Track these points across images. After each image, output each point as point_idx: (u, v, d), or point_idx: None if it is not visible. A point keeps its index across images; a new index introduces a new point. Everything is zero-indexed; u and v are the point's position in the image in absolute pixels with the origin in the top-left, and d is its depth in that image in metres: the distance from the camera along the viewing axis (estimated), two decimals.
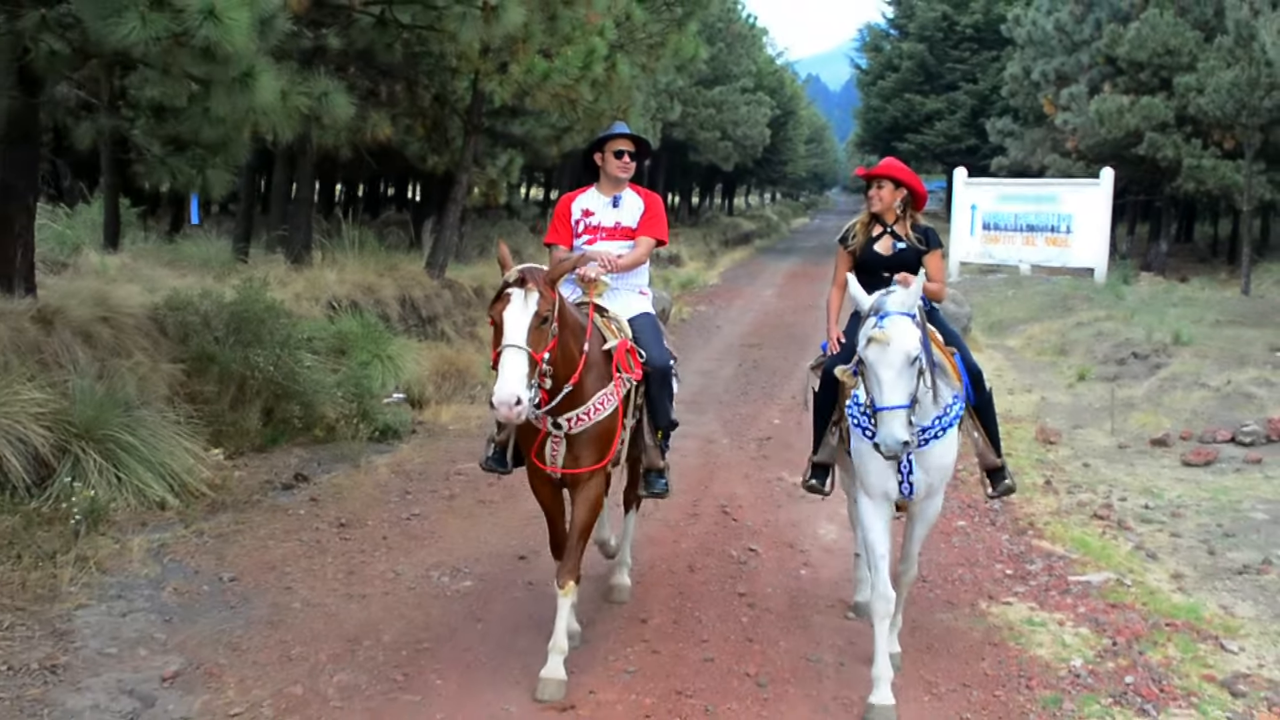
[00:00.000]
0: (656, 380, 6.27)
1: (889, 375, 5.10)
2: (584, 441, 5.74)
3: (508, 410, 5.03)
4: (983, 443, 6.21)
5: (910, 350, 5.12)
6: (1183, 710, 5.43)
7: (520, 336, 5.14)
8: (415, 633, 6.17)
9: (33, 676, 5.49)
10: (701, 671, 5.73)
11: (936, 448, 5.55)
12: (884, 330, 5.15)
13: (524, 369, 5.08)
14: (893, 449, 5.10)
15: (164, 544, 7.32)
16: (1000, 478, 6.24)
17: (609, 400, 5.79)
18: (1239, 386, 12.99)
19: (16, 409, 7.79)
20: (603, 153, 6.53)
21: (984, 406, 6.25)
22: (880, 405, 5.12)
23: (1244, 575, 7.57)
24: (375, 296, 14.47)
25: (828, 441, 6.31)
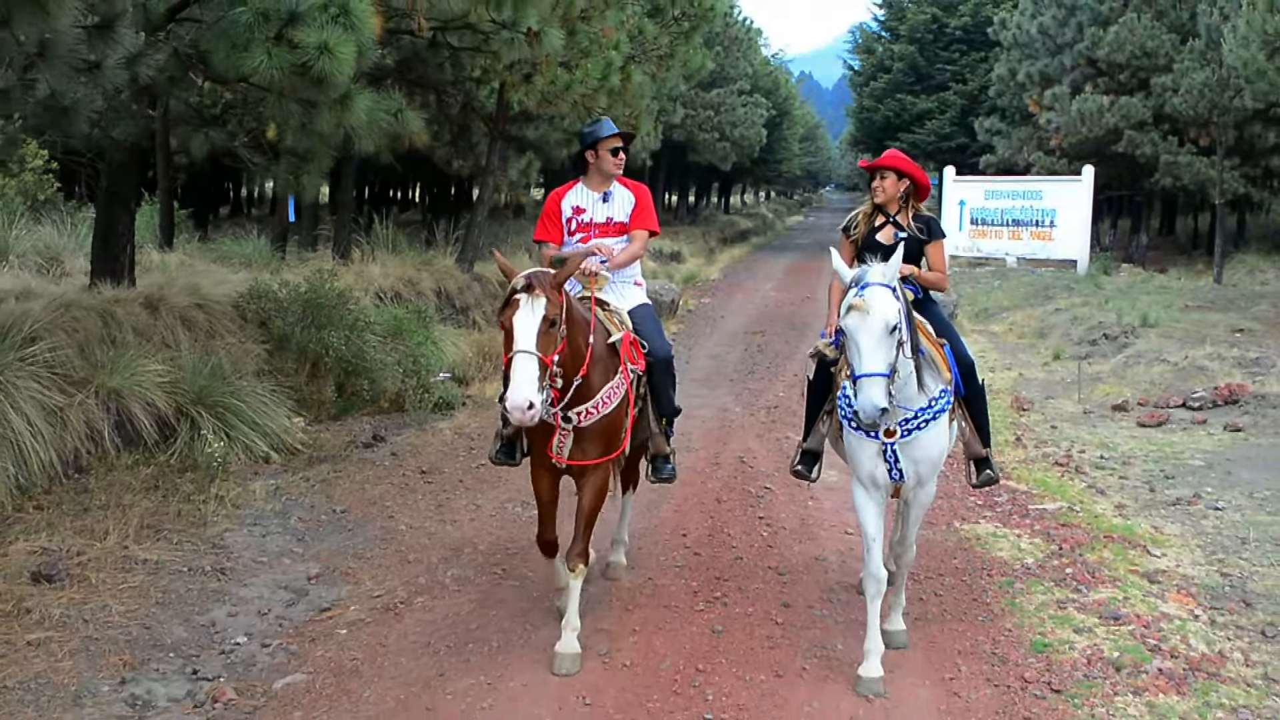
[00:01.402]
0: (660, 369, 6.44)
1: (868, 343, 5.18)
2: (593, 434, 5.88)
3: (521, 415, 5.17)
4: (970, 432, 6.33)
5: (889, 319, 5.21)
6: (1108, 590, 6.97)
7: (530, 342, 5.26)
8: (504, 544, 7.70)
9: (208, 576, 7.00)
10: (733, 566, 7.30)
11: (923, 437, 5.67)
12: (864, 299, 5.25)
13: (535, 373, 5.22)
14: (871, 415, 5.15)
15: (279, 487, 8.80)
16: (984, 467, 6.39)
17: (617, 392, 5.92)
18: (1195, 361, 14.58)
19: (143, 378, 9.25)
20: (596, 151, 6.62)
21: (975, 398, 6.36)
22: (859, 373, 5.20)
23: (1176, 506, 9.10)
24: (416, 289, 15.98)
25: (818, 430, 6.44)
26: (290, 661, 5.91)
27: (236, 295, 12.13)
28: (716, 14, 19.60)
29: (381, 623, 6.40)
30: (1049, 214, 29.54)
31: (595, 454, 5.95)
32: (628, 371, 6.07)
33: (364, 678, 5.67)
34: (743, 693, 5.50)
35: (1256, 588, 7.18)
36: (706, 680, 5.63)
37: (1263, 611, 6.77)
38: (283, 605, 6.71)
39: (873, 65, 49.69)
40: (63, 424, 8.42)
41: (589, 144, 6.66)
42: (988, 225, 30.56)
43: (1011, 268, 29.04)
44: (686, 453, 10.22)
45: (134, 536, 7.30)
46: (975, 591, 6.95)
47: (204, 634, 6.22)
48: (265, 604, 6.71)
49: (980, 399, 6.42)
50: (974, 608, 6.74)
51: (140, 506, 7.80)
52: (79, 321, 9.80)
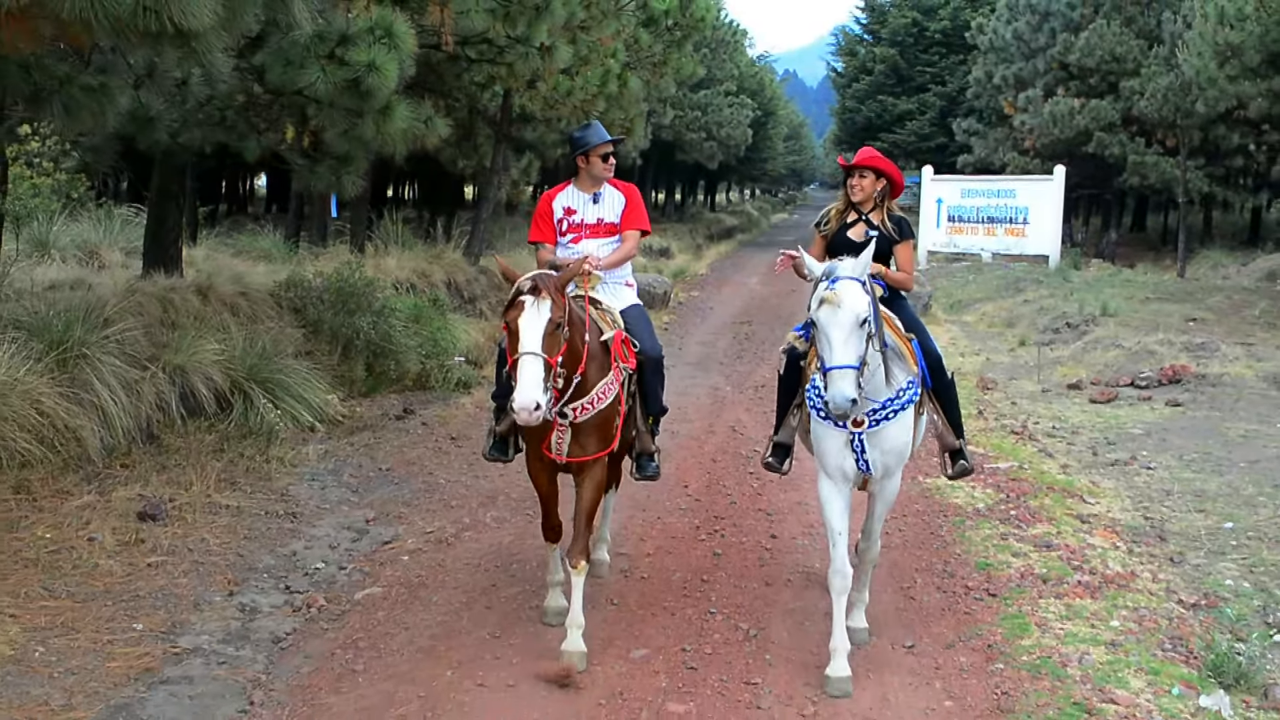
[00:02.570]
0: (650, 368, 6.54)
1: (839, 335, 5.28)
2: (588, 430, 5.99)
3: (528, 415, 5.28)
4: (942, 424, 6.47)
5: (860, 312, 5.31)
6: (1045, 527, 8.27)
7: (536, 344, 5.37)
8: (532, 493, 8.90)
9: (282, 519, 8.25)
10: (729, 509, 8.61)
11: (889, 429, 5.75)
12: (834, 292, 5.34)
13: (541, 375, 5.34)
14: (841, 406, 5.22)
15: (328, 451, 10.02)
16: (959, 458, 6.56)
17: (610, 389, 6.03)
18: (1146, 346, 15.90)
19: (202, 357, 10.41)
20: (588, 157, 6.75)
21: (944, 390, 6.49)
22: (829, 365, 5.28)
23: (1114, 466, 10.40)
24: (429, 280, 17.19)
25: (788, 423, 6.52)
26: (365, 580, 7.17)
27: (274, 284, 13.37)
28: (706, 24, 20.89)
29: (436, 551, 7.67)
30: (1022, 211, 30.85)
31: (593, 449, 6.07)
32: (619, 369, 6.17)
33: (430, 588, 6.94)
34: (739, 596, 6.80)
35: (1173, 528, 8.49)
36: (710, 588, 6.92)
37: (1174, 544, 8.09)
38: (349, 540, 7.96)
39: (855, 67, 51.09)
40: (137, 395, 9.55)
41: (580, 151, 6.80)
42: (964, 222, 31.88)
43: (987, 263, 30.33)
44: (684, 423, 11.52)
45: (214, 487, 8.51)
46: (932, 528, 8.25)
47: (288, 561, 7.46)
48: (334, 540, 7.95)
49: (950, 391, 6.57)
50: (930, 539, 8.04)
51: (212, 465, 8.99)
52: (142, 307, 11.00)
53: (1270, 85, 19.11)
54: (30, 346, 8.70)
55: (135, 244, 17.09)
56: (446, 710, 5.33)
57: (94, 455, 8.63)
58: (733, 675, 5.78)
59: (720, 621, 6.48)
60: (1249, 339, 17.27)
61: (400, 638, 6.23)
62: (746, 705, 5.44)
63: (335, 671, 5.81)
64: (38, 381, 8.37)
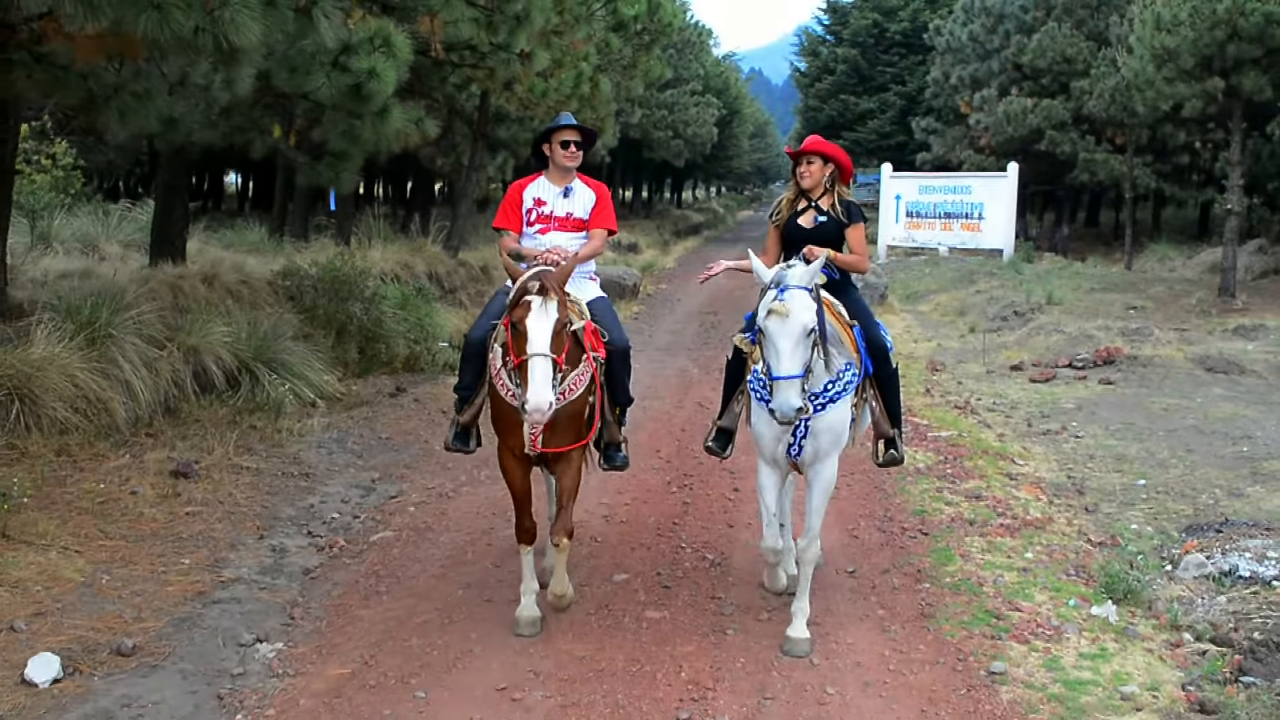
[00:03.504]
0: (618, 359, 6.50)
1: (786, 346, 5.39)
2: (563, 421, 5.95)
3: (540, 416, 5.40)
4: (880, 412, 6.54)
5: (807, 323, 5.43)
6: (976, 482, 9.34)
7: (545, 344, 5.43)
8: None
9: (297, 479, 9.21)
10: (696, 468, 9.64)
11: (827, 414, 5.86)
12: (784, 303, 5.43)
13: (551, 375, 5.42)
14: (787, 415, 5.38)
15: (330, 423, 10.97)
16: (890, 447, 6.66)
17: (582, 380, 6.03)
18: (1086, 331, 17.05)
19: (212, 338, 11.33)
20: (550, 143, 6.72)
21: (887, 380, 6.56)
22: (776, 374, 5.41)
23: (1045, 435, 11.49)
24: (411, 271, 18.13)
25: (732, 409, 6.67)
26: (377, 526, 8.17)
27: (272, 273, 14.30)
28: (674, 29, 21.94)
29: (439, 503, 8.67)
30: (977, 207, 32.01)
31: (569, 440, 6.09)
32: (591, 359, 6.17)
33: (436, 531, 7.95)
34: (705, 535, 7.85)
35: (1091, 484, 9.58)
36: (680, 529, 7.97)
37: (1090, 498, 9.18)
38: (359, 496, 8.95)
39: (818, 67, 52.17)
40: (156, 372, 10.49)
41: (543, 136, 6.83)
42: (922, 218, 33.04)
43: (944, 256, 31.47)
44: (655, 400, 12.55)
45: (233, 452, 9.45)
46: (876, 483, 9.30)
47: (307, 512, 8.44)
48: (345, 495, 8.94)
49: (893, 382, 6.64)
50: (874, 491, 9.11)
51: (229, 434, 9.91)
52: (155, 293, 11.94)
53: (1204, 87, 20.27)
54: (64, 328, 9.62)
55: (131, 237, 18.01)
56: (461, 619, 6.34)
57: (121, 425, 9.52)
58: (700, 592, 6.82)
59: (689, 554, 7.52)
60: (1183, 325, 18.49)
61: (415, 568, 7.23)
62: (713, 613, 6.49)
63: (362, 593, 6.81)
64: (71, 358, 9.28)
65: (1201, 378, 14.23)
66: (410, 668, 5.70)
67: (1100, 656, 5.90)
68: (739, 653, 5.96)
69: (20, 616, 6.00)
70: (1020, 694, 5.47)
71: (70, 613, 6.16)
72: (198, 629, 6.14)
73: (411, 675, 5.61)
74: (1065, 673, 5.71)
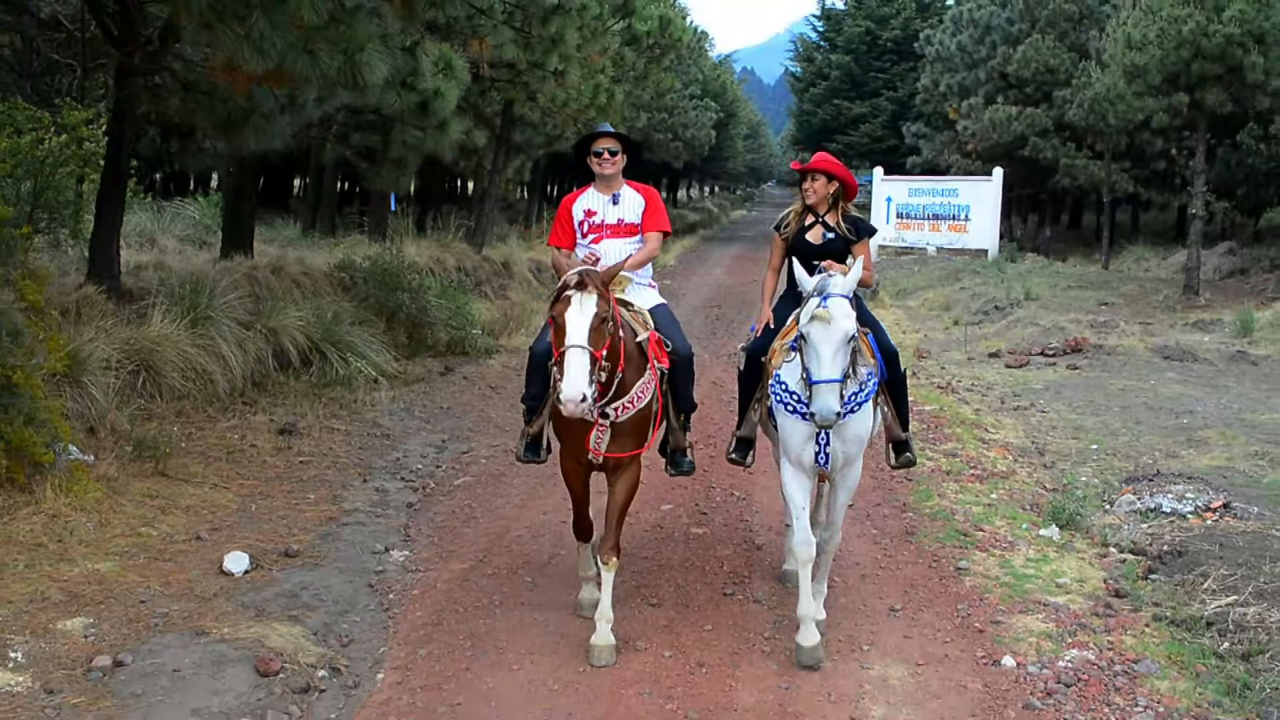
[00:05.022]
0: (682, 367, 6.57)
1: (828, 351, 5.51)
2: (627, 429, 6.05)
3: (574, 407, 5.40)
4: (891, 417, 6.66)
5: (849, 329, 5.56)
6: (953, 444, 11.07)
7: (582, 337, 5.46)
8: None
9: (380, 438, 10.89)
10: (716, 431, 11.36)
11: (852, 421, 5.97)
12: (827, 310, 5.54)
13: (586, 367, 5.42)
14: (828, 418, 5.48)
15: (395, 396, 12.60)
16: (903, 449, 6.77)
17: (647, 389, 6.09)
18: (1058, 324, 18.82)
19: (288, 322, 12.99)
20: (589, 154, 6.82)
21: (897, 384, 6.69)
22: (817, 378, 5.52)
23: (1016, 410, 13.22)
24: (443, 265, 19.81)
25: (750, 418, 6.85)
26: (457, 473, 9.88)
27: (328, 265, 15.98)
28: (683, 43, 23.64)
29: (503, 457, 10.37)
30: (964, 209, 33.73)
31: (632, 446, 6.16)
32: (655, 369, 6.23)
33: (508, 478, 9.65)
34: (731, 480, 9.60)
35: (1051, 448, 11.31)
36: (709, 474, 9.70)
37: (1049, 457, 10.91)
38: (435, 452, 10.65)
39: (812, 72, 53.98)
40: (245, 350, 12.14)
41: (583, 149, 6.94)
42: (911, 219, 34.76)
43: (931, 256, 33.17)
44: None
45: (323, 417, 11.14)
46: None
47: (395, 463, 10.13)
48: (423, 451, 10.64)
49: (902, 386, 6.80)
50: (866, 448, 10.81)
51: (313, 403, 11.60)
52: (236, 283, 13.60)
53: (1170, 102, 22.06)
54: (173, 311, 11.27)
55: (186, 232, 19.72)
56: (547, 534, 8.07)
57: (222, 394, 11.18)
58: (731, 516, 8.60)
59: (719, 491, 9.26)
60: (1149, 319, 20.25)
61: (498, 501, 8.96)
62: (743, 530, 8.25)
63: (460, 518, 8.54)
64: (181, 336, 10.93)
65: (1158, 364, 15.98)
66: (516, 564, 7.44)
67: (1043, 561, 7.64)
68: (766, 555, 7.72)
69: (201, 530, 7.70)
70: (979, 582, 7.22)
71: (237, 528, 7.86)
72: (338, 541, 7.83)
73: (518, 569, 7.36)
74: (1015, 570, 7.46)
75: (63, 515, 7.46)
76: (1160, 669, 5.94)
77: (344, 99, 9.97)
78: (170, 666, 5.65)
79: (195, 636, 6.01)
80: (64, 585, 6.52)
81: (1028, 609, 6.84)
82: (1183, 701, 5.60)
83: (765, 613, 6.84)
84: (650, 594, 7.04)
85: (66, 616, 6.11)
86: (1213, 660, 6.04)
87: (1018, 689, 5.76)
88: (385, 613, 6.74)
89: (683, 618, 6.70)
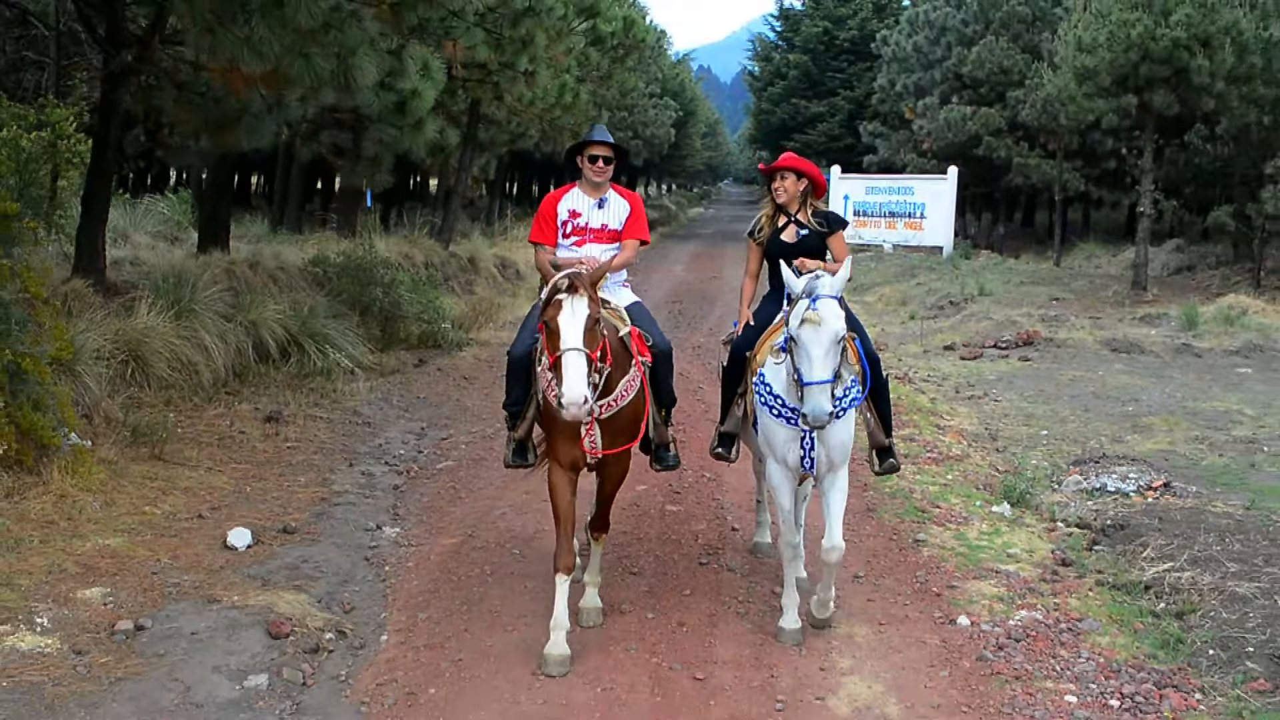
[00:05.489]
0: (661, 361, 6.61)
1: (818, 353, 5.55)
2: (617, 425, 6.09)
3: (577, 409, 5.44)
4: (874, 423, 6.63)
5: (838, 331, 5.60)
6: (911, 430, 11.60)
7: (578, 339, 5.51)
8: None
9: (362, 426, 11.31)
10: (684, 419, 11.74)
11: (836, 426, 5.91)
12: (817, 312, 5.59)
13: (584, 369, 5.48)
14: (819, 419, 5.51)
15: (373, 386, 13.01)
16: (887, 456, 6.75)
17: (633, 385, 6.11)
18: (1010, 318, 19.46)
19: (267, 315, 13.36)
20: (581, 156, 6.76)
21: (879, 390, 6.66)
22: (809, 380, 5.54)
23: (970, 399, 13.79)
24: (411, 260, 20.20)
25: (733, 413, 6.83)
26: (439, 458, 10.32)
27: (303, 261, 16.36)
28: (647, 44, 24.14)
29: (483, 442, 10.82)
30: (919, 207, 34.43)
31: (624, 440, 6.22)
32: (640, 364, 6.26)
33: (488, 461, 10.10)
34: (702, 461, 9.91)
35: (1004, 434, 11.88)
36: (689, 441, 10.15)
37: (1002, 442, 11.48)
38: (415, 438, 11.07)
39: (770, 72, 54.66)
40: (226, 342, 12.52)
41: (576, 149, 6.91)
42: (868, 216, 35.44)
43: (888, 253, 33.84)
44: None
45: (306, 406, 11.55)
46: None
47: (379, 449, 10.55)
48: (404, 438, 11.06)
49: (884, 391, 6.80)
50: None
51: (294, 393, 11.99)
52: (216, 277, 13.95)
53: (1120, 103, 22.80)
54: (157, 304, 11.63)
55: (157, 229, 19.96)
56: (531, 511, 8.51)
57: (206, 384, 11.56)
58: (703, 495, 9.10)
59: (691, 473, 9.73)
60: (1098, 314, 20.95)
61: (481, 483, 9.42)
62: (714, 508, 8.75)
63: (446, 498, 9.00)
64: (166, 328, 11.29)
65: (1106, 356, 16.63)
66: (503, 538, 7.92)
67: (995, 534, 8.20)
68: (738, 528, 8.22)
69: (202, 509, 8.12)
70: (935, 552, 7.77)
71: (235, 508, 8.27)
72: (332, 520, 8.27)
73: (505, 543, 7.84)
74: (969, 542, 8.01)
75: (70, 495, 7.85)
76: (1102, 626, 6.50)
77: (329, 100, 10.37)
78: (188, 630, 6.09)
79: (208, 604, 6.44)
80: (79, 559, 6.93)
81: (981, 575, 7.38)
82: (1122, 654, 6.15)
83: (739, 580, 7.34)
84: (631, 564, 7.54)
85: (84, 586, 6.52)
86: (1149, 619, 6.61)
87: (972, 644, 6.30)
88: (382, 583, 7.19)
89: (662, 584, 7.20)
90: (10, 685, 5.39)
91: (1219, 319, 18.82)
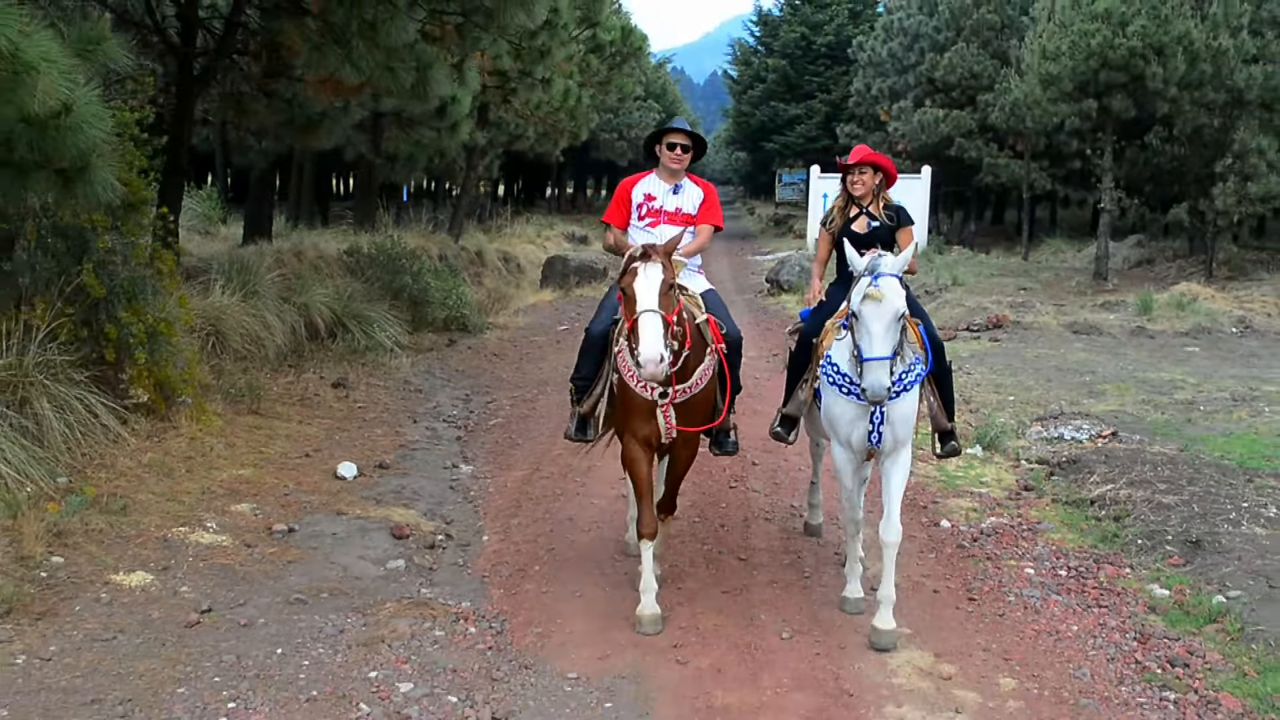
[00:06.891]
0: (733, 349, 6.61)
1: (879, 329, 5.62)
2: (694, 407, 6.25)
3: (654, 368, 5.50)
4: (937, 407, 6.74)
5: (899, 308, 5.67)
6: None
7: (653, 301, 5.61)
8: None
9: (415, 391, 12.86)
10: None
11: (900, 403, 6.03)
12: (879, 288, 5.64)
13: (661, 330, 5.56)
14: (879, 394, 5.58)
15: (413, 362, 14.56)
16: (949, 439, 6.91)
17: (709, 371, 6.24)
18: (982, 305, 21.14)
19: (315, 298, 14.89)
20: (660, 144, 6.94)
21: (942, 375, 6.77)
22: (869, 356, 5.62)
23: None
24: (428, 253, 21.73)
25: (797, 396, 6.93)
26: (489, 417, 11.89)
27: (338, 250, 17.89)
28: (644, 51, 25.74)
29: (525, 405, 12.40)
30: None
31: (700, 421, 6.38)
32: (719, 350, 6.40)
33: (533, 419, 11.69)
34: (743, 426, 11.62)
35: (976, 399, 13.52)
36: None
37: (974, 405, 13.12)
38: (463, 402, 12.65)
39: (749, 75, 56.29)
40: (283, 321, 14.04)
41: (655, 137, 7.10)
42: None
43: None
44: None
45: (365, 375, 13.09)
46: None
47: (434, 411, 12.11)
48: (453, 402, 12.63)
49: (947, 377, 6.90)
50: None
51: (351, 365, 13.52)
52: (270, 265, 15.48)
53: (1081, 107, 24.60)
54: (228, 286, 13.13)
55: (189, 223, 21.43)
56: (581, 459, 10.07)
57: (271, 356, 13.06)
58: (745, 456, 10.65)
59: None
60: (1062, 301, 22.66)
61: (534, 431, 11.03)
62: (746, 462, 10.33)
63: (504, 445, 10.59)
64: (238, 307, 12.81)
65: (1068, 337, 18.33)
66: (563, 471, 9.53)
67: (969, 468, 9.87)
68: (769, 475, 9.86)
69: (306, 450, 9.68)
70: (921, 480, 9.43)
71: (331, 451, 9.82)
72: (414, 460, 9.85)
73: (566, 475, 9.45)
74: (948, 473, 9.68)
75: (199, 438, 9.38)
76: (1055, 528, 8.19)
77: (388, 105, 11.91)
78: (329, 532, 7.67)
79: (337, 515, 8.03)
80: (222, 484, 8.47)
81: (958, 495, 9.07)
82: (1070, 545, 7.83)
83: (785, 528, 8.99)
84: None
85: (235, 502, 8.07)
86: (1093, 522, 8.30)
87: (952, 538, 7.98)
88: (471, 504, 8.79)
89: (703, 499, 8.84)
90: (206, 566, 6.95)
91: (1172, 305, 20.55)
